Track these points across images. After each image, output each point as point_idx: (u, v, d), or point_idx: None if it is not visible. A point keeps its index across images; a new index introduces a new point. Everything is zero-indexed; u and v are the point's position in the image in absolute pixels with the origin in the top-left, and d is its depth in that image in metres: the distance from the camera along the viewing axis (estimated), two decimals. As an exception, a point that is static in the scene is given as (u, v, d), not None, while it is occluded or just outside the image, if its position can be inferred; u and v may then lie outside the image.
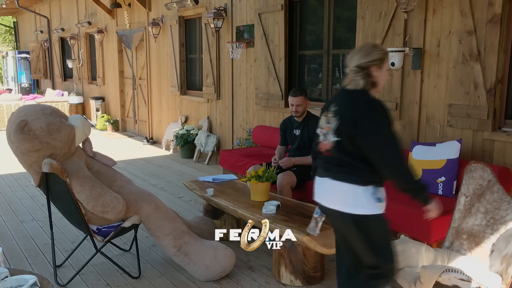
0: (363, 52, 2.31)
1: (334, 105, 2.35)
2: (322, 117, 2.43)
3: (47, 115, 3.21)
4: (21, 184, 6.20)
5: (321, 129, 2.43)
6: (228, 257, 3.41)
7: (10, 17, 21.02)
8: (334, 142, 2.31)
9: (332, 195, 2.36)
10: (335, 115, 2.31)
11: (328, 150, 2.36)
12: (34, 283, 2.02)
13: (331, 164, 2.36)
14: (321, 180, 2.43)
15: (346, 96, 2.36)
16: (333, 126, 2.31)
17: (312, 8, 5.72)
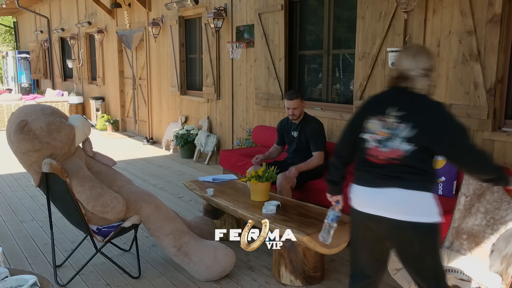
0: (427, 54, 2.24)
1: (395, 110, 2.17)
2: (372, 120, 2.23)
3: (47, 115, 3.21)
4: (21, 184, 6.20)
5: (372, 135, 2.22)
6: (228, 257, 3.41)
7: (10, 17, 21.02)
8: (408, 151, 2.13)
9: (404, 205, 2.15)
10: (404, 122, 2.14)
11: (394, 159, 2.16)
12: (34, 283, 2.02)
13: (401, 172, 2.17)
14: (380, 190, 2.20)
15: (414, 101, 2.18)
16: (404, 134, 2.13)
17: (312, 8, 5.72)
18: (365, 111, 2.31)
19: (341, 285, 3.36)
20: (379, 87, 4.69)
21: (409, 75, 2.19)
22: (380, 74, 4.67)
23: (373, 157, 2.22)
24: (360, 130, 2.28)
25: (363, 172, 2.29)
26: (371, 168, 2.25)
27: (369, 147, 2.23)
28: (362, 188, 2.28)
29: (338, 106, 5.36)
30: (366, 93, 4.81)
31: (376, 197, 2.21)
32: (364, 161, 2.28)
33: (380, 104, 2.25)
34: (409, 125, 2.13)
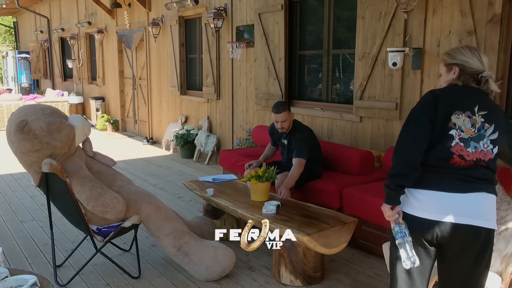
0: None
1: (478, 108, 2.05)
2: (461, 116, 2.03)
3: (47, 115, 3.21)
4: (21, 184, 6.20)
5: (459, 131, 2.02)
6: (228, 257, 3.41)
7: (10, 17, 21.02)
8: (494, 153, 2.05)
9: (490, 211, 2.03)
10: (489, 122, 2.04)
11: (481, 160, 2.02)
12: (34, 283, 2.02)
13: (488, 176, 2.05)
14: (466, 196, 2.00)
15: (489, 102, 2.11)
16: (492, 136, 2.04)
17: (312, 8, 5.72)
18: (451, 103, 2.05)
19: (341, 285, 3.36)
20: (379, 87, 4.69)
21: (484, 77, 2.10)
22: (380, 74, 4.67)
23: (458, 157, 2.01)
24: (443, 124, 2.02)
25: (444, 174, 2.02)
26: (455, 170, 2.02)
27: (453, 145, 2.01)
28: (441, 194, 2.00)
29: (338, 106, 5.36)
30: (366, 93, 4.81)
31: (460, 203, 1.99)
32: (443, 162, 2.02)
33: (466, 101, 2.06)
34: (493, 126, 2.04)
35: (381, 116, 4.68)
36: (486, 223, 1.99)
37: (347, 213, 3.85)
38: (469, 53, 2.11)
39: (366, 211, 3.71)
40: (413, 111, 2.11)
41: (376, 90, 4.73)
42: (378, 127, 4.77)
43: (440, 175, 2.03)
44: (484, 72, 2.09)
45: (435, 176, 2.03)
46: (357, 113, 4.95)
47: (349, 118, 5.06)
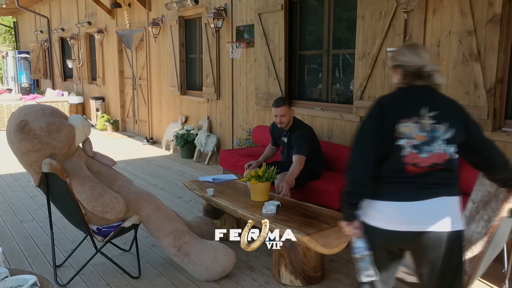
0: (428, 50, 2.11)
1: (428, 110, 1.98)
2: (407, 124, 1.97)
3: (47, 115, 3.21)
4: (21, 184, 6.20)
5: (409, 140, 1.96)
6: (228, 257, 3.41)
7: (10, 17, 21.02)
8: (451, 153, 1.99)
9: (453, 214, 1.98)
10: (440, 121, 1.97)
11: (437, 164, 1.97)
12: (34, 283, 2.02)
13: (446, 178, 2.00)
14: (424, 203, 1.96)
15: (441, 98, 2.06)
16: (445, 135, 1.97)
17: (312, 8, 5.72)
18: (395, 113, 2.00)
19: (341, 285, 3.36)
20: (379, 87, 4.69)
21: (428, 71, 2.03)
22: (380, 74, 4.67)
23: (412, 165, 1.97)
24: (390, 136, 1.98)
25: (400, 184, 1.99)
26: (410, 179, 1.98)
27: (406, 155, 1.96)
28: (398, 204, 1.98)
29: (338, 106, 5.36)
30: (366, 93, 4.81)
31: (421, 211, 1.96)
32: (398, 172, 1.99)
33: (411, 105, 2.01)
34: (446, 125, 1.98)
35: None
36: (448, 227, 1.96)
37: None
38: (408, 51, 2.08)
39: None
40: (362, 125, 2.07)
41: (376, 90, 4.73)
42: (378, 127, 4.76)
43: (396, 185, 2.00)
44: (425, 67, 2.03)
45: (391, 187, 2.01)
46: (357, 113, 4.94)
47: (349, 118, 5.06)
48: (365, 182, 2.00)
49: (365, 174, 2.00)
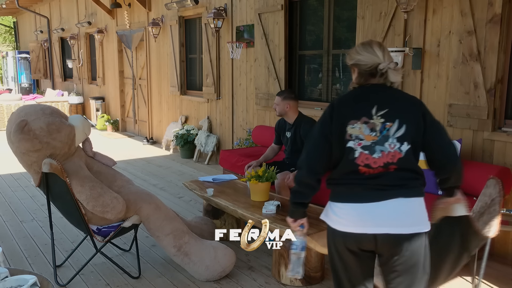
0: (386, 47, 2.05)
1: (377, 108, 1.94)
2: (356, 125, 1.94)
3: (47, 115, 3.21)
4: (21, 184, 6.20)
5: (358, 141, 1.93)
6: (228, 257, 3.41)
7: (10, 17, 21.02)
8: (403, 151, 1.91)
9: (410, 216, 1.93)
10: (391, 119, 1.93)
11: (390, 163, 1.92)
12: (34, 283, 2.02)
13: (402, 179, 1.94)
14: (379, 204, 1.92)
15: (394, 95, 2.01)
16: (397, 133, 1.91)
17: (312, 8, 5.72)
18: (342, 115, 1.97)
19: (341, 285, 3.36)
20: (379, 87, 4.69)
21: (382, 69, 1.97)
22: (380, 74, 4.66)
23: (364, 166, 1.93)
24: (340, 139, 1.96)
25: (354, 186, 1.97)
26: (364, 181, 1.94)
27: (357, 157, 1.93)
28: (354, 206, 1.95)
29: (338, 106, 5.35)
30: (366, 93, 4.81)
31: (376, 213, 1.92)
32: (352, 174, 1.96)
33: (361, 105, 1.98)
34: (396, 122, 1.92)
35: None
36: (406, 229, 1.91)
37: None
38: (362, 49, 2.01)
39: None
40: (314, 128, 2.06)
41: (376, 90, 4.73)
42: (378, 127, 4.76)
43: (350, 188, 1.98)
44: (380, 65, 1.96)
45: (345, 189, 1.99)
46: (357, 113, 4.94)
47: (349, 118, 5.05)
48: (309, 182, 2.02)
49: (309, 175, 2.02)
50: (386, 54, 2.00)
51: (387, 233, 1.91)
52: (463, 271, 3.21)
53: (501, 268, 3.64)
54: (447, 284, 3.24)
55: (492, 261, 3.75)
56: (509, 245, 3.79)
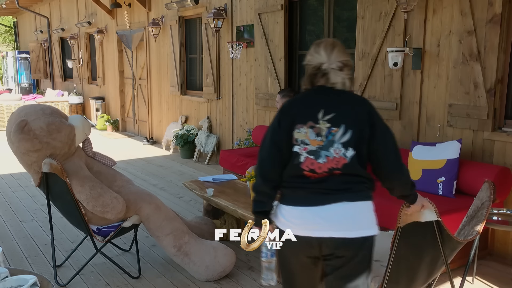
0: (340, 47, 1.97)
1: (324, 112, 1.90)
2: (302, 129, 1.91)
3: (47, 115, 3.21)
4: (21, 184, 6.20)
5: (304, 146, 1.91)
6: (228, 257, 3.41)
7: (10, 17, 21.02)
8: (348, 157, 1.88)
9: (353, 220, 1.90)
10: (337, 124, 1.89)
11: (335, 169, 1.89)
12: (34, 283, 2.02)
13: (347, 183, 1.91)
14: (324, 208, 1.89)
15: (340, 99, 1.95)
16: (342, 139, 1.88)
17: (312, 8, 5.72)
18: (290, 120, 1.94)
19: (341, 285, 3.36)
20: (379, 87, 4.69)
21: (324, 69, 1.93)
22: (380, 74, 4.67)
23: (310, 171, 1.91)
24: (287, 143, 1.93)
25: (298, 190, 1.94)
26: (309, 185, 1.92)
27: (303, 162, 1.91)
28: (299, 209, 1.93)
29: (338, 106, 5.35)
30: (366, 93, 4.81)
31: (320, 217, 1.89)
32: (297, 178, 1.94)
33: (308, 109, 1.93)
34: (342, 127, 1.88)
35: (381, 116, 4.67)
36: (350, 233, 1.88)
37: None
38: (313, 49, 1.98)
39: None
40: (265, 134, 2.01)
41: (376, 90, 4.73)
42: (378, 127, 4.76)
43: (295, 191, 1.96)
44: (322, 65, 1.92)
45: (291, 192, 1.97)
46: (357, 113, 4.94)
47: (349, 118, 5.05)
48: (265, 191, 1.99)
49: (265, 184, 1.98)
50: (334, 54, 1.93)
51: (331, 236, 1.88)
52: (463, 271, 3.21)
53: (501, 268, 3.64)
54: (447, 284, 3.24)
55: (492, 261, 3.76)
56: (509, 245, 3.79)
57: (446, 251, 2.05)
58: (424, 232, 1.97)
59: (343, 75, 1.93)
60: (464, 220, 2.75)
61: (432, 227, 1.94)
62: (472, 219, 2.51)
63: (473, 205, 2.68)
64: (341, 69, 1.93)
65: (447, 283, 3.25)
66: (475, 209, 2.63)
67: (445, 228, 1.96)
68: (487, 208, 2.28)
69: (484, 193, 2.51)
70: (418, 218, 1.91)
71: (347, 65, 1.95)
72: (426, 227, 1.93)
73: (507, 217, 3.27)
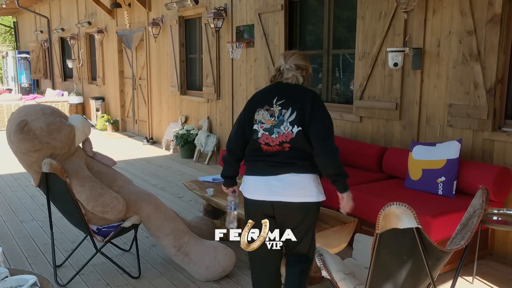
0: (298, 55, 2.59)
1: (277, 99, 2.49)
2: (260, 112, 2.49)
3: (47, 115, 3.21)
4: (21, 184, 6.20)
5: (261, 124, 2.47)
6: (228, 257, 3.41)
7: (10, 17, 21.02)
8: (294, 132, 2.41)
9: (298, 189, 2.42)
10: (286, 107, 2.45)
11: (284, 142, 2.42)
12: (34, 283, 2.02)
13: (293, 158, 2.43)
14: (276, 178, 2.43)
15: (291, 89, 2.53)
16: (290, 118, 2.42)
17: (312, 8, 5.72)
18: (252, 105, 2.53)
19: (341, 285, 3.35)
20: (379, 87, 4.70)
21: (281, 69, 2.55)
22: (380, 74, 4.67)
23: (265, 145, 2.46)
24: (249, 124, 2.51)
25: (257, 162, 2.49)
26: (265, 158, 2.46)
27: (260, 137, 2.46)
28: (257, 178, 2.47)
29: (338, 106, 5.36)
30: (366, 93, 4.82)
31: (273, 184, 2.43)
32: (256, 151, 2.49)
33: (265, 97, 2.53)
34: (289, 109, 2.44)
35: (381, 116, 4.68)
36: (295, 199, 2.41)
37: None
38: (281, 56, 2.61)
39: (366, 211, 3.71)
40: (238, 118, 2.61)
41: (376, 90, 4.74)
42: (378, 127, 4.77)
43: (253, 163, 2.51)
44: (281, 66, 2.56)
45: (250, 164, 2.53)
46: (357, 113, 4.95)
47: (349, 118, 5.06)
48: (229, 161, 2.63)
49: (229, 155, 2.61)
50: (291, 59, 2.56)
51: (280, 200, 2.43)
52: (463, 271, 3.21)
53: (501, 268, 3.64)
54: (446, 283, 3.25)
55: (492, 261, 3.76)
56: (509, 245, 3.79)
57: (429, 261, 2.01)
58: (404, 240, 1.94)
59: (294, 73, 2.54)
60: (457, 228, 2.72)
61: (413, 235, 1.91)
62: (464, 227, 2.49)
63: (467, 212, 2.65)
64: (295, 69, 2.54)
65: (447, 283, 3.26)
66: (468, 217, 2.60)
67: (426, 236, 1.92)
68: (478, 216, 2.25)
69: (477, 201, 2.48)
70: (396, 225, 1.88)
71: (300, 67, 2.56)
72: (406, 234, 1.90)
73: (507, 217, 3.27)
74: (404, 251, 2.01)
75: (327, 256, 2.46)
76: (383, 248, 2.00)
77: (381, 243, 1.98)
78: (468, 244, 2.16)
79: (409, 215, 1.87)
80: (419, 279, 2.11)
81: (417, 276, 2.09)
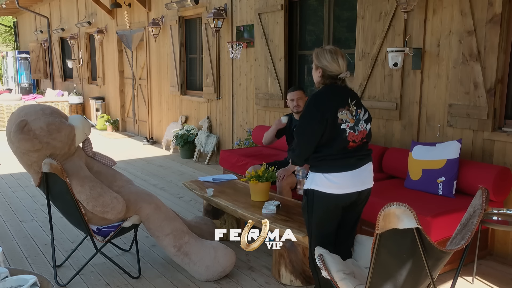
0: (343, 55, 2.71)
1: (350, 99, 2.67)
2: (343, 111, 2.62)
3: (47, 115, 3.21)
4: (21, 184, 6.20)
5: (346, 123, 2.62)
6: (228, 257, 3.41)
7: (10, 17, 21.02)
8: (368, 129, 2.71)
9: (372, 175, 2.75)
10: (359, 107, 2.70)
11: (364, 138, 2.68)
12: (34, 283, 2.02)
13: (367, 150, 2.72)
14: (363, 168, 2.67)
15: (351, 91, 2.76)
16: (364, 117, 2.69)
17: (312, 8, 5.72)
18: (333, 105, 2.62)
19: (341, 285, 3.36)
20: (379, 87, 4.70)
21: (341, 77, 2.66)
22: (380, 74, 4.67)
23: (352, 142, 2.63)
24: (333, 124, 2.59)
25: (349, 158, 2.64)
26: (353, 153, 2.65)
27: (348, 135, 2.61)
28: (353, 172, 2.64)
29: (338, 106, 5.35)
30: (366, 93, 4.81)
31: (364, 175, 2.68)
32: (344, 149, 2.63)
33: (340, 98, 2.66)
34: (362, 109, 2.71)
35: (381, 116, 4.68)
36: (369, 185, 2.73)
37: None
38: (330, 58, 2.63)
39: (366, 211, 3.70)
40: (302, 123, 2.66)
41: (376, 90, 4.73)
42: (378, 127, 4.77)
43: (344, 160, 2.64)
44: (341, 74, 2.65)
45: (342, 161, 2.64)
46: (357, 113, 4.94)
47: (349, 118, 5.05)
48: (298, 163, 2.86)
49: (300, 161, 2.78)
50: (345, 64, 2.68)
51: (368, 188, 2.71)
52: (463, 271, 3.21)
53: (501, 268, 3.64)
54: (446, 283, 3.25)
55: (492, 261, 3.76)
56: (509, 245, 3.79)
57: (429, 261, 2.02)
58: (404, 240, 1.95)
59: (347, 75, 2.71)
60: (457, 228, 2.72)
61: (412, 235, 1.91)
62: (464, 227, 2.49)
63: (467, 212, 2.65)
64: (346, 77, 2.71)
65: (447, 283, 3.26)
66: (468, 217, 2.60)
67: (426, 236, 1.92)
68: (478, 216, 2.25)
69: (477, 201, 2.48)
70: (396, 225, 1.88)
71: None
72: (406, 234, 1.90)
73: (507, 217, 3.27)
74: (404, 251, 2.01)
75: (327, 256, 2.45)
76: (383, 248, 2.00)
77: (381, 243, 1.98)
78: (468, 244, 2.16)
79: (409, 215, 1.87)
80: (419, 279, 2.11)
81: (417, 276, 2.09)
